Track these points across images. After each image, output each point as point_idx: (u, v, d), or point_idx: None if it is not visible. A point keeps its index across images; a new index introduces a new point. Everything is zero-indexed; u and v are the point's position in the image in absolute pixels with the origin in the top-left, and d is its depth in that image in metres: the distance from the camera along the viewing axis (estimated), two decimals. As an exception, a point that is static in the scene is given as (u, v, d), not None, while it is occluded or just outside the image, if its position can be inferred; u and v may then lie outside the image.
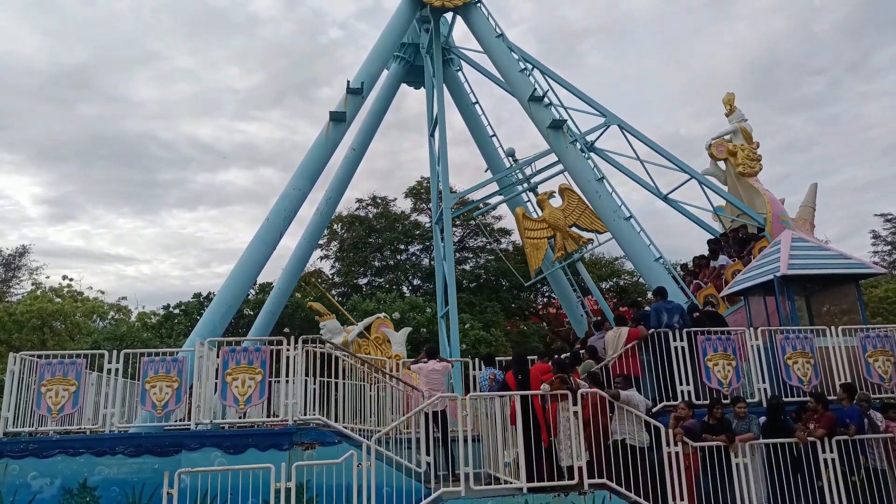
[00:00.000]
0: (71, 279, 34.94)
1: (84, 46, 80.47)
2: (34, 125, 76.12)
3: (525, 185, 19.40)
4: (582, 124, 17.82)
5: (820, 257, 12.65)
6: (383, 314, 14.78)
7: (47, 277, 41.02)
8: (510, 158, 19.76)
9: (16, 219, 72.01)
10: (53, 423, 9.66)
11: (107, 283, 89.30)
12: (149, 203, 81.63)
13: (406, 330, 14.50)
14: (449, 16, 18.52)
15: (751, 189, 17.15)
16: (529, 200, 19.92)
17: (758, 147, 17.67)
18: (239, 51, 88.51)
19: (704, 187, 17.35)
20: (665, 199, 17.73)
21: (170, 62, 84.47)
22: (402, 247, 37.73)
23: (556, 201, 18.43)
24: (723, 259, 15.66)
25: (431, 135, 19.21)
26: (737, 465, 8.80)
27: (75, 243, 76.11)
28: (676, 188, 17.74)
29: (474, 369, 13.73)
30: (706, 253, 16.64)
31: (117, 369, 9.91)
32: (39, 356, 10.08)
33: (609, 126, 17.51)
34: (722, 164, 18.08)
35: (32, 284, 37.50)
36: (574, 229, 18.23)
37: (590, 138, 17.90)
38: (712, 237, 17.15)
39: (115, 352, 10.22)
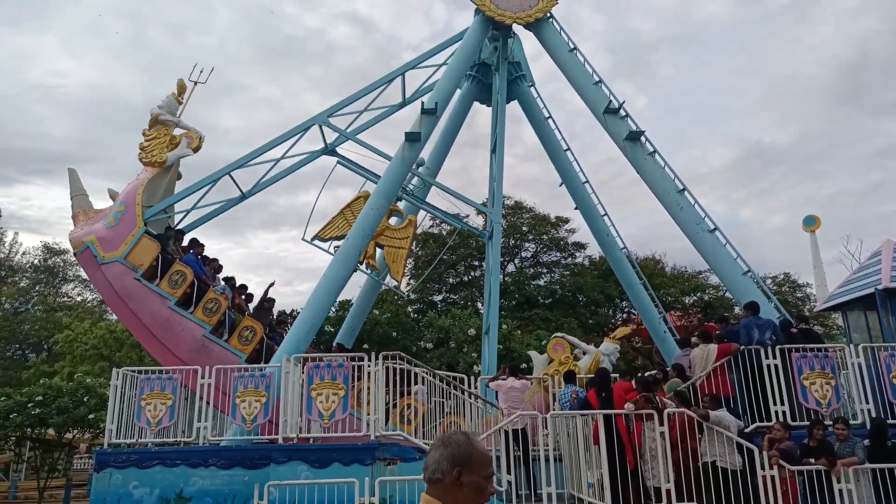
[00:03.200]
0: (165, 299, 36.92)
1: (175, 80, 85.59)
2: (132, 156, 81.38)
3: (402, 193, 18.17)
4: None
5: (927, 268, 11.79)
6: (202, 136, 14.64)
7: (143, 297, 43.50)
8: (423, 168, 18.81)
9: (115, 243, 77.01)
10: (151, 435, 10.20)
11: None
12: (235, 225, 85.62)
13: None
14: (520, 33, 18.63)
15: None
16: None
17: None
18: (317, 78, 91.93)
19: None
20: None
21: (253, 92, 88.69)
22: (476, 263, 37.79)
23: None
24: None
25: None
26: (839, 490, 8.25)
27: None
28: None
29: (554, 387, 13.53)
30: None
31: (210, 384, 10.37)
32: (139, 372, 10.68)
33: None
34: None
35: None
36: (375, 248, 16.36)
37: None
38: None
39: (206, 367, 10.71)
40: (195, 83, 15.38)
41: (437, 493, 2.36)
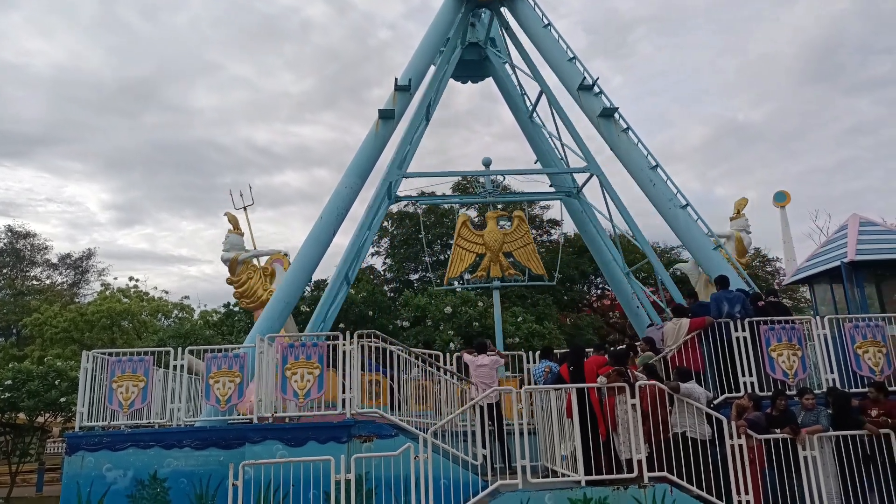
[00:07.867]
0: (137, 280, 36.44)
1: (147, 60, 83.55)
2: (103, 136, 79.72)
3: (489, 196, 19.01)
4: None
5: (890, 241, 12.06)
6: (285, 252, 14.78)
7: (115, 279, 42.99)
8: (486, 167, 19.27)
9: (86, 224, 75.69)
10: (124, 417, 10.09)
11: (171, 283, 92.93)
12: (209, 206, 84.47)
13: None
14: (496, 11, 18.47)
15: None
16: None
17: (747, 265, 16.12)
18: (292, 57, 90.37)
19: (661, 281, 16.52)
20: (626, 274, 17.64)
21: (227, 71, 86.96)
22: (451, 242, 37.76)
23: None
24: None
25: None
26: (804, 458, 8.50)
27: (141, 246, 79.45)
28: (637, 266, 17.84)
29: (528, 362, 13.67)
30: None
31: (182, 365, 10.28)
32: (110, 354, 10.53)
33: (592, 176, 17.20)
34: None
35: (102, 286, 39.28)
36: (505, 258, 17.88)
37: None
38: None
39: (179, 349, 10.63)
40: (244, 208, 15.19)
41: None
